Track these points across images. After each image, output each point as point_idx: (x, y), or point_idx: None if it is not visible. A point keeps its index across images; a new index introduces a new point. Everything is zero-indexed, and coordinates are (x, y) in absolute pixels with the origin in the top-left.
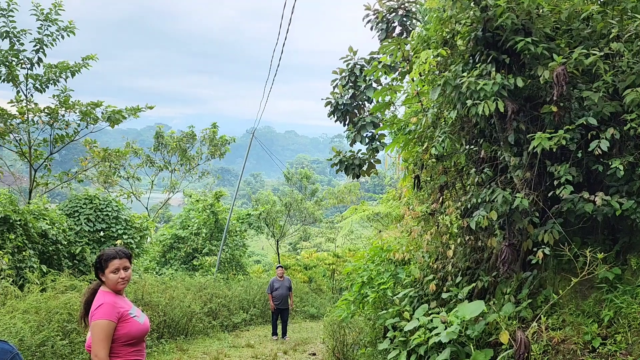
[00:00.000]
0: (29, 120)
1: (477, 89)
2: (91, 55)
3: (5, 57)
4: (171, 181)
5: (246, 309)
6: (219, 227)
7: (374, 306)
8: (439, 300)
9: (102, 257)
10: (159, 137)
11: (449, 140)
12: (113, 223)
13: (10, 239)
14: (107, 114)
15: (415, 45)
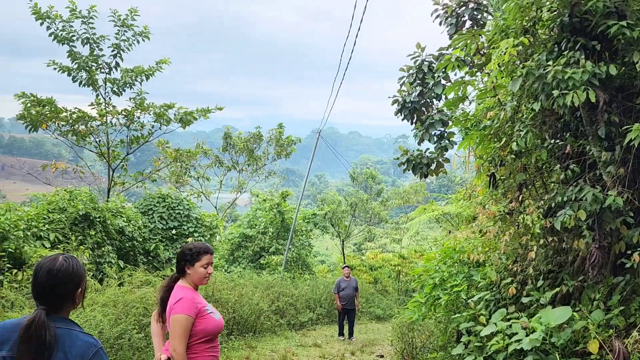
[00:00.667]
0: (108, 122)
1: (565, 78)
2: (164, 59)
3: (86, 62)
4: (239, 181)
5: (312, 308)
6: (285, 226)
7: (446, 309)
8: (517, 305)
9: (195, 249)
10: (227, 138)
11: (530, 134)
12: (184, 221)
13: (90, 235)
14: (179, 115)
15: (492, 35)
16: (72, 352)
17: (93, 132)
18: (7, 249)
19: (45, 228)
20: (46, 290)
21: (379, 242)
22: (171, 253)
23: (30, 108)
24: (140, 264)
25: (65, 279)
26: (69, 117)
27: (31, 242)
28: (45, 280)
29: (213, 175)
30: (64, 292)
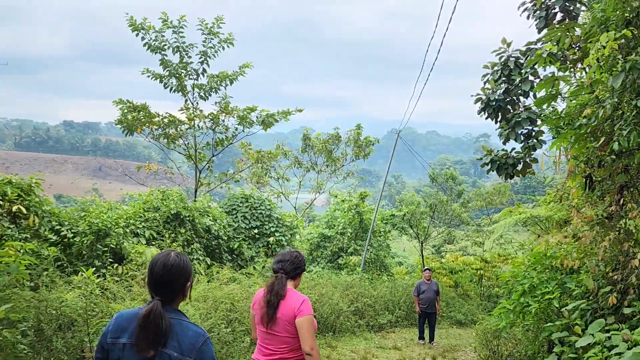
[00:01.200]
0: (195, 125)
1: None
2: (247, 64)
3: (176, 70)
4: (317, 182)
5: (391, 310)
6: (363, 227)
7: (536, 317)
8: (617, 316)
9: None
10: (306, 139)
11: (635, 133)
12: (266, 221)
13: (181, 232)
14: (261, 118)
15: (589, 28)
16: (185, 341)
17: (182, 135)
18: (109, 244)
19: (141, 226)
20: (161, 283)
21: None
22: (254, 252)
23: (127, 113)
24: (226, 262)
25: (177, 273)
26: (160, 122)
27: (129, 239)
28: (160, 274)
29: (292, 176)
30: (176, 285)
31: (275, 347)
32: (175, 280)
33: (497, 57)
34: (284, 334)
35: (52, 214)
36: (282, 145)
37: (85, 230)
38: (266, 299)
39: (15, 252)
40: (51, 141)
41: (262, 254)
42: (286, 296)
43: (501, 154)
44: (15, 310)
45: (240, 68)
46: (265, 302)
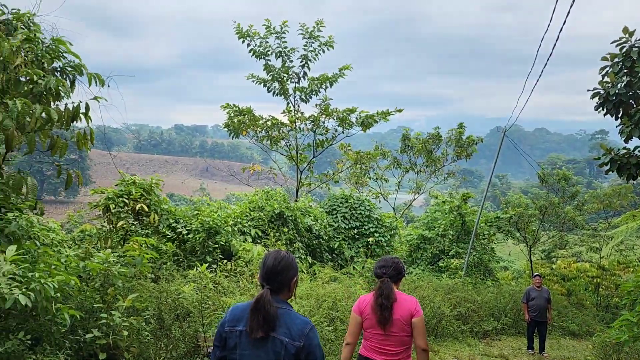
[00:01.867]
0: (297, 127)
1: None
2: (346, 66)
3: (279, 74)
4: (416, 182)
5: (497, 317)
6: (465, 229)
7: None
8: None
9: (404, 266)
10: (405, 140)
11: None
12: (365, 221)
13: (284, 232)
14: (360, 119)
15: None
16: (294, 328)
17: (284, 137)
18: (219, 242)
19: (247, 224)
20: (272, 274)
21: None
22: (353, 252)
23: (233, 117)
24: (326, 261)
25: (286, 267)
26: (264, 125)
27: (237, 237)
28: (271, 266)
29: (390, 177)
30: (284, 278)
31: (394, 347)
32: (283, 272)
33: (618, 47)
34: (401, 334)
35: (169, 212)
36: (381, 146)
37: (197, 228)
38: (378, 302)
39: (139, 246)
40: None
41: (362, 254)
42: (398, 298)
43: (622, 153)
44: (139, 299)
45: (340, 70)
46: (378, 305)
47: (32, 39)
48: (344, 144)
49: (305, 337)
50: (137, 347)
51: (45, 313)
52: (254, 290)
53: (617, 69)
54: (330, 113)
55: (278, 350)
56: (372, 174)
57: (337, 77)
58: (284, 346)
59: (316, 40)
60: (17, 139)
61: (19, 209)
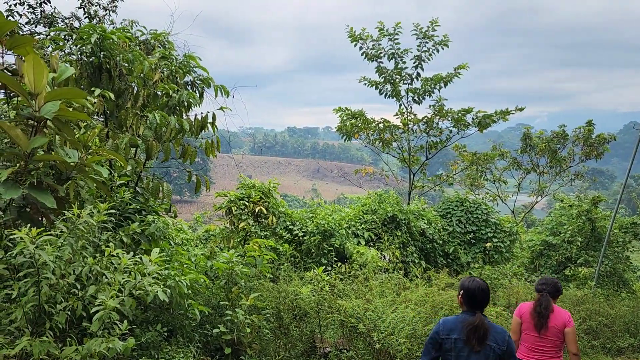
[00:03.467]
0: (409, 129)
1: None
2: (462, 65)
3: (391, 76)
4: (539, 184)
5: (633, 333)
6: (596, 235)
7: None
8: None
9: (560, 285)
10: (527, 139)
11: None
12: (482, 225)
13: (397, 235)
14: (477, 120)
15: None
16: (498, 337)
17: (396, 139)
18: (334, 244)
19: (360, 227)
20: (481, 302)
21: None
22: (470, 257)
23: (346, 120)
24: (440, 266)
25: (487, 294)
26: (376, 127)
27: (350, 239)
28: (480, 297)
29: (510, 178)
30: (487, 302)
31: (548, 348)
32: (487, 298)
33: None
34: (554, 338)
35: (286, 215)
36: (499, 146)
37: (313, 230)
38: (537, 311)
39: (259, 247)
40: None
41: (479, 260)
42: (554, 310)
43: None
44: (260, 298)
45: (455, 69)
46: (537, 313)
47: (167, 56)
48: (459, 144)
49: (507, 342)
50: (258, 344)
51: (178, 308)
52: (369, 294)
53: None
54: (444, 114)
55: (488, 353)
56: (489, 175)
57: (452, 77)
58: (492, 349)
59: (430, 40)
60: (155, 148)
61: (156, 212)
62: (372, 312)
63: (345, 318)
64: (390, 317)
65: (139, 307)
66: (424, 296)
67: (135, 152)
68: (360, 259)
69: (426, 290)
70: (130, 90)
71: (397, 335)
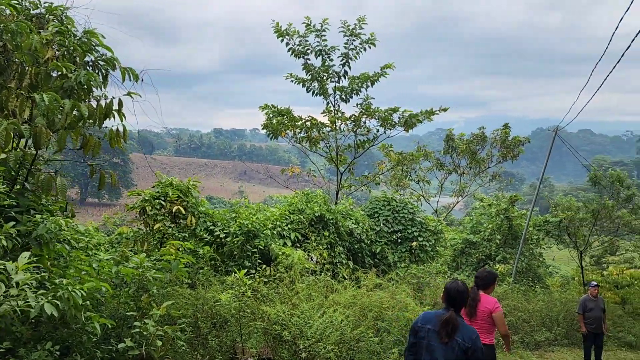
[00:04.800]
0: (337, 128)
1: None
2: (388, 64)
3: (318, 73)
4: (460, 184)
5: (549, 326)
6: (513, 233)
7: None
8: None
9: (496, 275)
10: (449, 140)
11: None
12: (409, 225)
13: (325, 235)
14: (403, 119)
15: None
16: (466, 334)
17: (324, 138)
18: (258, 246)
19: (287, 227)
20: (455, 300)
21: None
22: (397, 256)
23: (272, 118)
24: (368, 266)
25: (464, 294)
26: (303, 125)
27: (276, 240)
28: (454, 296)
29: (433, 178)
30: (462, 302)
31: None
32: (463, 298)
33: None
34: (482, 322)
35: (207, 215)
36: (424, 147)
37: (236, 231)
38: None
39: (175, 250)
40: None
41: (406, 259)
42: (482, 299)
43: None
44: (175, 307)
45: (381, 69)
46: (467, 303)
47: (64, 32)
48: (385, 144)
49: (472, 341)
50: (171, 357)
51: (75, 322)
52: (295, 299)
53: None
54: (371, 113)
55: (454, 346)
56: (414, 175)
57: (378, 76)
58: (458, 344)
59: (357, 38)
60: (45, 136)
61: (50, 211)
62: (298, 318)
63: (268, 325)
64: (317, 322)
65: (25, 324)
66: (353, 298)
67: (25, 142)
68: (286, 261)
69: (355, 292)
70: (15, 68)
71: (325, 341)
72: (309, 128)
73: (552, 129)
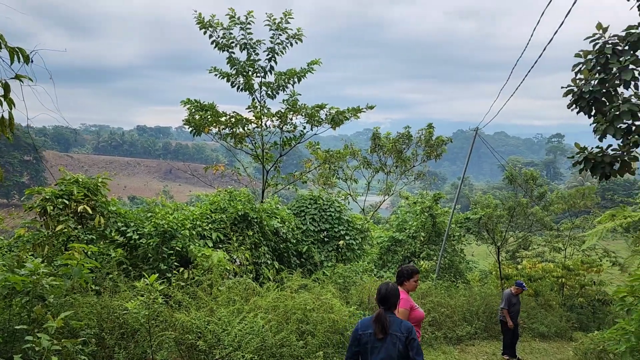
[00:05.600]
0: (263, 124)
1: None
2: (315, 60)
3: (243, 68)
4: (386, 183)
5: (470, 321)
6: (436, 230)
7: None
8: None
9: (410, 270)
10: (376, 139)
11: None
12: (336, 223)
13: (248, 235)
14: (330, 116)
15: None
16: (401, 327)
17: (249, 135)
18: (175, 247)
19: (208, 227)
20: (384, 299)
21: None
22: (323, 256)
23: (195, 113)
24: (294, 266)
25: (394, 294)
26: (227, 121)
27: (196, 241)
28: (384, 294)
29: (360, 177)
30: (393, 301)
31: None
32: (392, 297)
33: (592, 44)
34: None
35: (119, 215)
36: (351, 145)
37: (151, 232)
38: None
39: (80, 254)
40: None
41: (333, 258)
42: None
43: (596, 152)
44: (75, 317)
45: (308, 65)
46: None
47: None
48: (312, 142)
49: (408, 331)
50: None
51: None
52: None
53: (590, 65)
54: (298, 109)
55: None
56: (341, 174)
57: (305, 72)
58: (397, 337)
59: (284, 32)
60: None
61: None
62: (215, 325)
63: (181, 335)
64: (236, 328)
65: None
66: (276, 301)
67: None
68: (206, 263)
69: (278, 294)
70: None
71: (244, 349)
72: (233, 124)
73: (472, 129)
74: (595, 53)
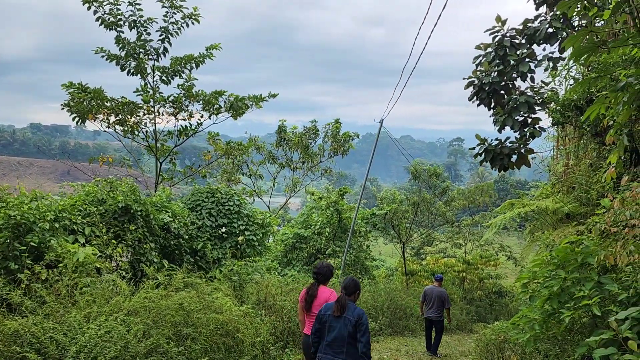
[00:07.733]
0: (155, 111)
1: None
2: (215, 45)
3: (134, 49)
4: (293, 179)
5: (374, 317)
6: (342, 227)
7: (568, 328)
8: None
9: (334, 269)
10: (282, 132)
11: None
12: (235, 218)
13: (130, 230)
14: (229, 103)
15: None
16: (354, 312)
17: (139, 122)
18: (30, 242)
19: (80, 221)
20: (346, 287)
21: (439, 247)
22: (220, 253)
23: (78, 97)
24: (188, 264)
25: (353, 285)
26: (115, 107)
27: (62, 236)
28: (347, 282)
29: (265, 173)
30: (351, 289)
31: None
32: (353, 286)
33: (491, 37)
34: None
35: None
36: (255, 138)
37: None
38: (306, 297)
39: None
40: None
41: (230, 255)
42: (318, 293)
43: (495, 144)
44: None
45: (207, 49)
46: (305, 298)
47: None
48: (213, 133)
49: (358, 316)
50: None
51: None
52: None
53: (490, 57)
54: (194, 95)
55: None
56: (246, 169)
57: (204, 58)
58: (348, 319)
59: (179, 11)
60: None
61: None
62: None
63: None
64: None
65: None
66: (145, 301)
67: None
68: (71, 261)
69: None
70: None
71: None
72: (120, 109)
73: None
74: (495, 45)
